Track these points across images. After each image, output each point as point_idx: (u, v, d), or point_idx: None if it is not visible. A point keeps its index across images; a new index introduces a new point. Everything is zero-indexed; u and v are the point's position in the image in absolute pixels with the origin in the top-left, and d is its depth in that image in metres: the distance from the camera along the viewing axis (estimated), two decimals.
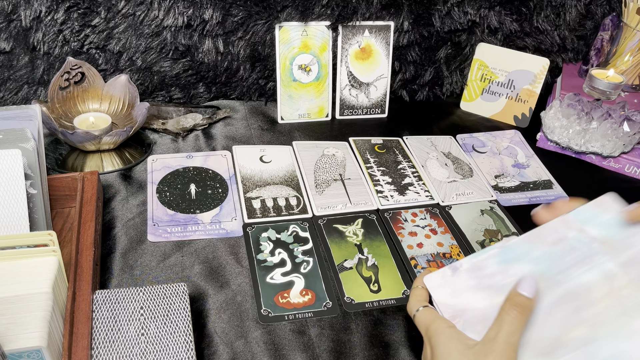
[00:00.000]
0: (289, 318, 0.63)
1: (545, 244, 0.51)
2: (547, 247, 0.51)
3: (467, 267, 0.53)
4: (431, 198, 0.84)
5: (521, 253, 0.51)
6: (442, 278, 0.53)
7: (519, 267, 0.51)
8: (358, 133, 0.97)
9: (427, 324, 0.50)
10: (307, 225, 0.77)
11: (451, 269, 0.53)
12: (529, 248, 0.52)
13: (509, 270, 0.51)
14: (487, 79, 1.04)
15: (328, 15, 0.93)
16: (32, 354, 0.47)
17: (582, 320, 0.47)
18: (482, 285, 0.51)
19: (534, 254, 0.51)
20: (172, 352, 0.52)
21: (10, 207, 0.60)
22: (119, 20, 0.89)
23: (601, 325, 0.46)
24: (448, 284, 0.52)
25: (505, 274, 0.51)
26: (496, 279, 0.51)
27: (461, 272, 0.53)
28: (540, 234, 0.52)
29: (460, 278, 0.53)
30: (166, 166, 0.84)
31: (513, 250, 0.52)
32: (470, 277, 0.52)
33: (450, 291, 0.52)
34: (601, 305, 0.47)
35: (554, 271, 0.50)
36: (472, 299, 0.51)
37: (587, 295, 0.48)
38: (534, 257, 0.51)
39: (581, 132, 0.92)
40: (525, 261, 0.51)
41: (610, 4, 1.07)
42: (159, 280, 0.66)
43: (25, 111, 0.68)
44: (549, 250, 0.51)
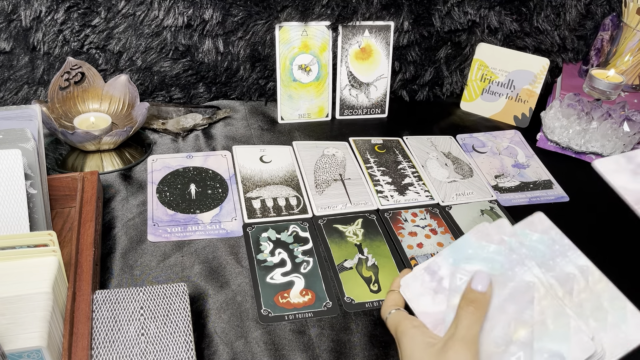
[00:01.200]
0: (289, 318, 0.63)
1: (493, 242, 0.53)
2: (495, 245, 0.53)
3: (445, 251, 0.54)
4: (431, 198, 0.84)
5: (471, 253, 0.53)
6: (422, 286, 0.54)
7: (469, 267, 0.52)
8: (358, 133, 0.97)
9: (396, 326, 0.52)
10: (307, 225, 0.77)
11: (430, 274, 0.54)
12: (477, 247, 0.53)
13: (459, 271, 0.53)
14: (487, 79, 1.04)
15: (328, 15, 0.93)
16: (32, 354, 0.47)
17: (524, 320, 0.48)
18: (437, 289, 0.53)
19: (482, 254, 0.53)
20: (172, 352, 0.52)
21: (10, 207, 0.60)
22: (119, 20, 0.89)
23: (541, 326, 0.48)
24: (428, 290, 0.53)
25: (455, 277, 0.52)
26: (447, 282, 0.53)
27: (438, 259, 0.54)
28: (487, 232, 0.54)
29: (439, 263, 0.54)
30: (166, 166, 0.84)
31: (464, 250, 0.53)
32: (449, 257, 0.53)
33: (431, 297, 0.53)
34: (540, 306, 0.49)
35: (502, 269, 0.51)
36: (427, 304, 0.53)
37: (530, 294, 0.49)
38: (483, 257, 0.52)
39: (581, 132, 0.92)
40: (476, 261, 0.53)
41: (610, 4, 1.07)
42: (159, 280, 0.66)
43: (25, 111, 0.68)
44: (497, 248, 0.52)
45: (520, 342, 0.47)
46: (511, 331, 0.48)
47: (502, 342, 0.48)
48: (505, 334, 0.48)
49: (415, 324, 0.51)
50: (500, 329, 0.48)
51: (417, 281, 0.54)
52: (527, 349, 0.47)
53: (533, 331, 0.48)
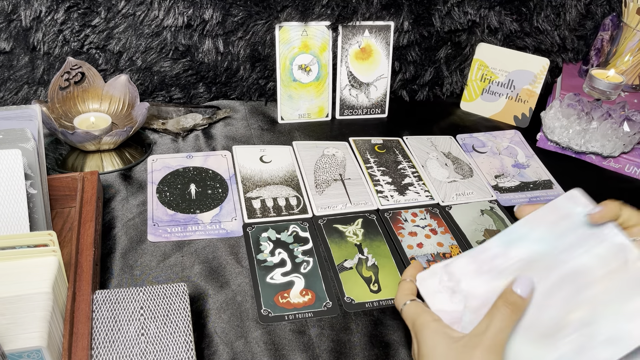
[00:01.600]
0: (289, 318, 0.63)
1: (544, 223, 0.51)
2: (547, 227, 0.51)
3: (467, 254, 0.53)
4: (431, 198, 0.84)
5: (522, 234, 0.51)
6: (440, 284, 0.53)
7: (520, 249, 0.51)
8: (358, 133, 0.97)
9: (414, 318, 0.50)
10: (307, 225, 0.77)
11: (447, 274, 0.53)
12: (529, 229, 0.52)
13: (510, 252, 0.51)
14: (487, 79, 1.04)
15: (328, 15, 0.93)
16: (32, 354, 0.47)
17: (582, 301, 0.46)
18: (482, 269, 0.51)
19: (534, 235, 0.51)
20: (172, 352, 0.52)
21: (10, 207, 0.60)
22: (119, 20, 0.89)
23: (602, 306, 0.46)
24: (446, 289, 0.52)
25: (506, 257, 0.51)
26: (497, 262, 0.51)
27: (459, 261, 0.53)
28: (539, 215, 0.52)
29: (459, 264, 0.53)
30: (166, 166, 0.84)
31: (514, 232, 0.52)
32: (471, 262, 0.52)
33: (448, 295, 0.52)
34: (601, 286, 0.47)
35: (556, 251, 0.49)
36: (472, 285, 0.51)
37: (587, 276, 0.47)
38: (535, 237, 0.51)
39: (581, 132, 0.92)
40: (527, 242, 0.51)
41: (610, 4, 1.07)
42: (159, 280, 0.66)
43: (25, 111, 0.68)
44: (550, 229, 0.51)
45: (577, 322, 0.46)
46: (568, 310, 0.46)
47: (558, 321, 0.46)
48: (564, 313, 0.46)
49: (436, 318, 0.49)
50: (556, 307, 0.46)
51: (434, 278, 0.53)
52: (584, 330, 0.45)
53: (591, 311, 0.46)
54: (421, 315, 0.50)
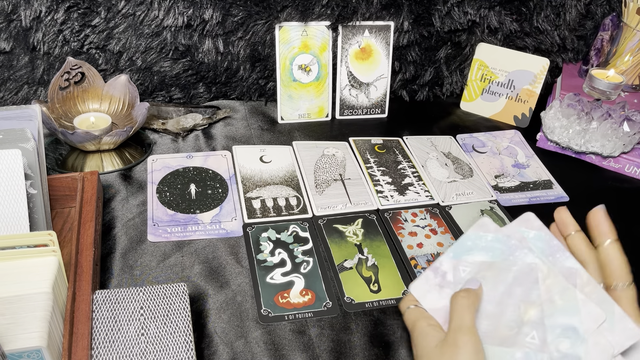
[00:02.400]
0: (289, 318, 0.63)
1: (490, 231, 0.54)
2: (492, 234, 0.53)
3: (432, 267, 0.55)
4: (431, 198, 0.84)
5: (470, 245, 0.54)
6: (427, 283, 0.54)
7: (470, 258, 0.53)
8: (358, 133, 0.97)
9: (412, 323, 0.52)
10: (307, 225, 0.77)
11: (433, 270, 0.54)
12: (475, 238, 0.54)
13: (461, 264, 0.53)
14: (487, 79, 1.04)
15: (328, 15, 0.93)
16: (32, 354, 0.47)
17: (532, 300, 0.49)
18: (442, 283, 0.54)
19: (481, 244, 0.53)
20: (172, 352, 0.52)
21: (10, 207, 0.60)
22: (119, 20, 0.89)
23: (549, 303, 0.49)
24: (433, 287, 0.54)
25: (458, 269, 0.53)
26: (450, 275, 0.54)
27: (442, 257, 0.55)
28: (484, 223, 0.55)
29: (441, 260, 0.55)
30: (166, 166, 0.84)
31: (463, 243, 0.54)
32: (452, 258, 0.54)
33: (437, 292, 0.53)
34: (545, 285, 0.50)
35: (503, 255, 0.52)
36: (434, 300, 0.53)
37: (533, 275, 0.50)
38: (482, 246, 0.53)
39: (581, 132, 0.92)
40: (475, 251, 0.53)
41: (610, 4, 1.07)
42: (159, 280, 0.66)
43: (25, 111, 0.68)
44: (494, 236, 0.53)
45: (532, 322, 0.48)
46: (522, 312, 0.49)
47: (515, 325, 0.49)
48: (516, 316, 0.49)
49: (432, 323, 0.51)
50: (511, 312, 0.49)
51: (421, 280, 0.55)
52: (540, 327, 0.48)
53: (542, 309, 0.49)
54: (418, 320, 0.52)
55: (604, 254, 0.51)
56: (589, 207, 0.85)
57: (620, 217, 0.84)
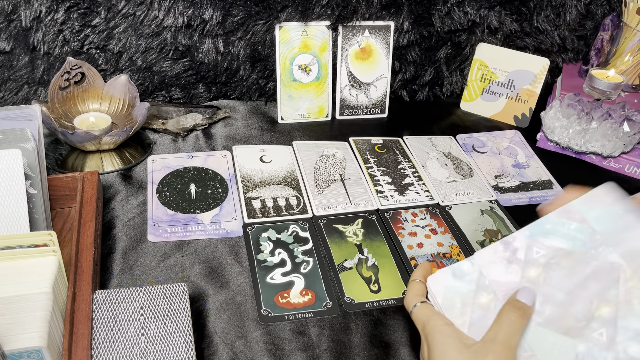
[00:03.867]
0: (289, 318, 0.63)
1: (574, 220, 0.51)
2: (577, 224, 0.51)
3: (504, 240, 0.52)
4: (431, 198, 0.84)
5: (550, 229, 0.51)
6: (494, 254, 0.52)
7: (548, 242, 0.51)
8: (358, 133, 0.97)
9: (424, 321, 0.49)
10: (307, 225, 0.77)
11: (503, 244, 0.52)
12: (557, 223, 0.51)
13: (536, 244, 0.51)
14: (487, 79, 1.04)
15: (328, 15, 0.93)
16: (32, 354, 0.47)
17: (608, 298, 0.47)
18: (511, 259, 0.51)
19: (562, 230, 0.51)
20: (172, 352, 0.52)
21: (10, 207, 0.60)
22: (119, 20, 0.89)
23: (626, 305, 0.46)
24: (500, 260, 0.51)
25: (531, 249, 0.51)
26: (522, 254, 0.51)
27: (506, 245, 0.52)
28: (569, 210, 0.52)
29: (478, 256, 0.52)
30: (166, 166, 0.84)
31: (542, 225, 0.52)
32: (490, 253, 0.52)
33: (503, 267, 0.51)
34: (627, 286, 0.47)
35: (584, 247, 0.50)
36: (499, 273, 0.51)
37: (615, 274, 0.48)
38: (563, 233, 0.51)
39: (581, 132, 0.92)
40: (554, 236, 0.51)
41: (610, 4, 1.07)
42: (159, 280, 0.66)
43: (25, 111, 0.68)
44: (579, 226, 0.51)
45: (603, 319, 0.46)
46: (593, 308, 0.47)
47: (583, 318, 0.47)
48: (587, 310, 0.47)
49: (447, 322, 0.49)
50: (582, 305, 0.47)
51: (488, 250, 0.52)
52: (610, 326, 0.46)
53: (617, 309, 0.46)
54: (432, 318, 0.49)
55: None
56: None
57: None
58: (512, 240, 0.52)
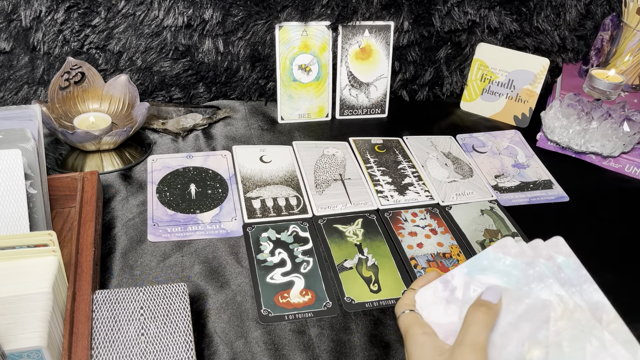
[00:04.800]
0: (289, 318, 0.63)
1: (509, 254, 0.51)
2: (512, 259, 0.50)
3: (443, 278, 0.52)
4: (431, 198, 0.84)
5: (487, 265, 0.51)
6: (434, 294, 0.52)
7: (484, 278, 0.51)
8: (358, 133, 0.97)
9: (406, 328, 0.51)
10: (307, 225, 0.77)
11: (443, 282, 0.52)
12: (494, 259, 0.51)
13: (473, 282, 0.51)
14: (487, 79, 1.04)
15: (328, 15, 0.93)
16: (32, 354, 0.47)
17: (538, 341, 0.47)
18: (450, 299, 0.51)
19: (498, 266, 0.51)
20: (172, 352, 0.52)
21: (10, 207, 0.60)
22: (119, 20, 0.89)
23: (556, 347, 0.46)
24: (440, 300, 0.52)
25: (469, 288, 0.51)
26: (460, 292, 0.51)
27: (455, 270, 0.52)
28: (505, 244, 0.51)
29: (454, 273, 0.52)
30: (166, 166, 0.84)
31: (479, 261, 0.52)
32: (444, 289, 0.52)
33: (443, 307, 0.51)
34: (556, 327, 0.47)
35: (518, 284, 0.49)
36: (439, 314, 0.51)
37: (546, 313, 0.47)
38: (498, 269, 0.51)
39: (581, 132, 0.92)
40: (490, 272, 0.51)
41: (610, 4, 1.07)
42: (159, 280, 0.66)
43: (25, 111, 0.68)
44: (513, 261, 0.50)
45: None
46: (525, 350, 0.46)
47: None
48: (518, 353, 0.46)
49: (427, 331, 0.50)
50: (514, 347, 0.47)
51: (429, 289, 0.53)
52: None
53: (548, 352, 0.46)
54: (413, 326, 0.50)
55: None
56: (589, 207, 0.85)
57: (620, 217, 0.84)
58: (451, 279, 0.52)
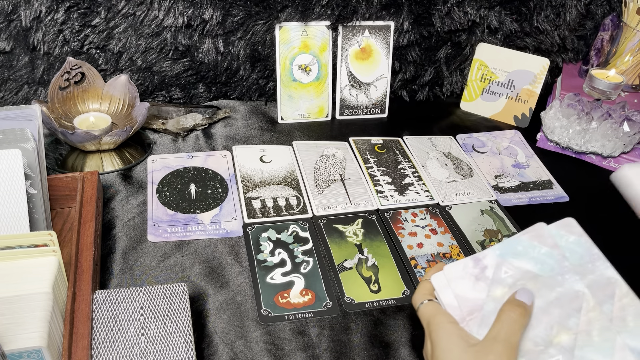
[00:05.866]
0: (289, 318, 0.63)
1: (546, 244, 0.51)
2: (548, 248, 0.51)
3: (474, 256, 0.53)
4: (431, 198, 0.84)
5: (521, 250, 0.52)
6: (463, 269, 0.52)
7: (517, 262, 0.51)
8: (358, 133, 0.97)
9: (429, 318, 0.50)
10: (307, 225, 0.77)
11: (473, 260, 0.52)
12: (528, 246, 0.52)
13: (505, 264, 0.51)
14: (487, 79, 1.04)
15: (328, 15, 0.93)
16: (32, 354, 0.47)
17: (568, 326, 0.47)
18: (480, 276, 0.51)
19: (532, 253, 0.51)
20: (172, 352, 0.52)
21: (10, 207, 0.60)
22: (119, 20, 0.89)
23: (585, 335, 0.47)
24: (469, 276, 0.52)
25: (500, 269, 0.51)
26: (491, 272, 0.51)
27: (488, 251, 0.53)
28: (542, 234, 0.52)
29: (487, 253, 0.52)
30: (166, 166, 0.84)
31: (513, 246, 0.52)
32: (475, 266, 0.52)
33: (472, 282, 0.51)
34: (588, 317, 0.48)
35: (552, 272, 0.50)
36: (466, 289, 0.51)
37: (578, 302, 0.48)
38: (533, 256, 0.51)
39: (581, 132, 0.92)
40: (524, 258, 0.51)
41: (610, 4, 1.07)
42: (159, 280, 0.66)
43: (25, 111, 0.68)
44: (549, 251, 0.51)
45: (561, 346, 0.46)
46: (553, 334, 0.47)
47: (542, 342, 0.47)
48: (546, 335, 0.47)
49: (451, 320, 0.49)
50: (542, 329, 0.47)
51: (459, 265, 0.53)
52: (567, 355, 0.46)
53: (576, 339, 0.47)
54: (437, 315, 0.50)
55: None
56: (589, 207, 0.85)
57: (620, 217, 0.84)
58: (482, 258, 0.52)
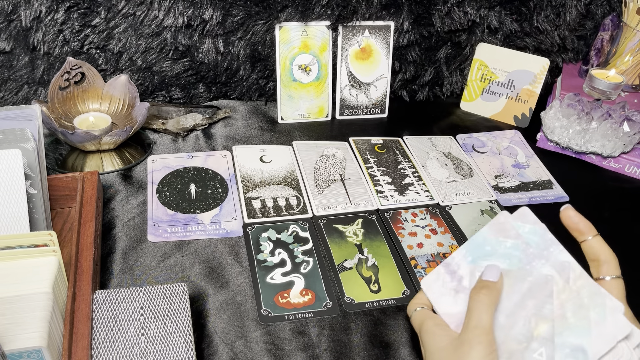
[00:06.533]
0: (289, 318, 0.63)
1: (509, 237, 0.53)
2: (512, 241, 0.53)
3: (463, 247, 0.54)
4: (431, 198, 0.84)
5: (489, 250, 0.53)
6: (443, 286, 0.53)
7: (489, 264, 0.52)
8: (358, 133, 0.97)
9: (419, 325, 0.52)
10: (307, 225, 0.77)
11: (450, 274, 0.54)
12: (495, 244, 0.53)
13: (477, 269, 0.52)
14: (487, 79, 1.04)
15: (328, 15, 0.93)
16: (32, 354, 0.47)
17: (544, 315, 0.48)
18: (458, 288, 0.53)
19: (500, 250, 0.53)
20: (172, 352, 0.52)
21: (10, 207, 0.60)
22: (119, 20, 0.89)
23: (561, 319, 0.48)
24: (449, 291, 0.53)
25: (474, 275, 0.52)
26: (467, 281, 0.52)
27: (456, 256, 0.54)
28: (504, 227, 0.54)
29: (456, 260, 0.54)
30: (166, 166, 0.84)
31: (480, 248, 0.53)
32: (467, 254, 0.53)
33: (452, 297, 0.52)
34: (560, 299, 0.49)
35: (520, 264, 0.51)
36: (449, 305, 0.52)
37: (548, 287, 0.49)
38: (501, 253, 0.52)
39: (581, 132, 0.92)
40: (493, 257, 0.52)
41: (610, 4, 1.07)
42: (159, 280, 0.66)
43: (25, 111, 0.68)
44: (514, 243, 0.52)
45: (542, 338, 0.47)
46: (532, 327, 0.48)
47: (524, 339, 0.48)
48: (526, 330, 0.48)
49: (438, 322, 0.51)
50: (522, 325, 0.48)
51: (438, 282, 0.54)
52: (549, 344, 0.47)
53: (554, 325, 0.47)
54: (425, 321, 0.51)
55: (590, 247, 0.50)
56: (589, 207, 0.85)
57: (620, 217, 0.84)
58: (457, 269, 0.53)
